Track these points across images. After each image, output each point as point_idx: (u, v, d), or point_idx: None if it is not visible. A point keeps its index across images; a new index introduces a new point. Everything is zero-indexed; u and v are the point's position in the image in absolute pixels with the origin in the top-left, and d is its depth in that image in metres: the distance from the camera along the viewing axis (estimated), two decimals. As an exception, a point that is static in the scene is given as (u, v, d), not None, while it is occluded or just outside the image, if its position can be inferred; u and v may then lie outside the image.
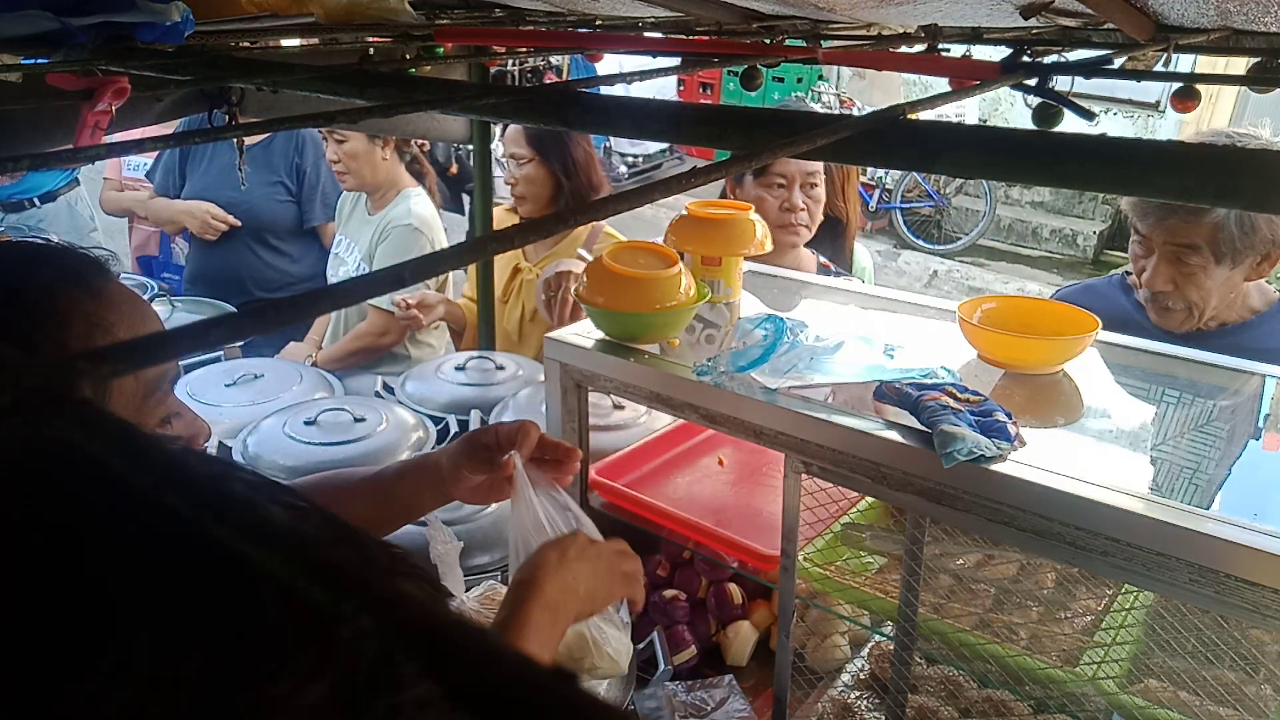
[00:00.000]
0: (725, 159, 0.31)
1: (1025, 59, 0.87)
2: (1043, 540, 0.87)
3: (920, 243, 7.31)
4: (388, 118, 0.57)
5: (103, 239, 3.22)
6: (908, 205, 7.42)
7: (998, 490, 0.88)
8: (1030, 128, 0.52)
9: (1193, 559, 0.79)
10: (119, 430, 0.14)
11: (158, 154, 2.82)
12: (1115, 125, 7.00)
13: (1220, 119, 6.82)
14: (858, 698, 1.25)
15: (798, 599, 1.12)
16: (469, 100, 0.48)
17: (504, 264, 2.26)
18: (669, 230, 1.39)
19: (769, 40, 1.02)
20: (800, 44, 1.04)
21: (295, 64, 0.77)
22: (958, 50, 1.03)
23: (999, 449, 0.89)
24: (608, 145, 8.01)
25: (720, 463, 1.48)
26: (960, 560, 1.15)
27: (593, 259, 1.61)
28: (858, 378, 1.06)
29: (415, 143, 2.48)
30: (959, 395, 0.96)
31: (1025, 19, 0.81)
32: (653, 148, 8.35)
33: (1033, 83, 0.60)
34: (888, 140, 0.34)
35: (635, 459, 1.44)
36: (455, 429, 1.71)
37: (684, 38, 1.16)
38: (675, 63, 0.94)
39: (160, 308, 2.24)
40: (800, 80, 7.85)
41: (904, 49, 1.01)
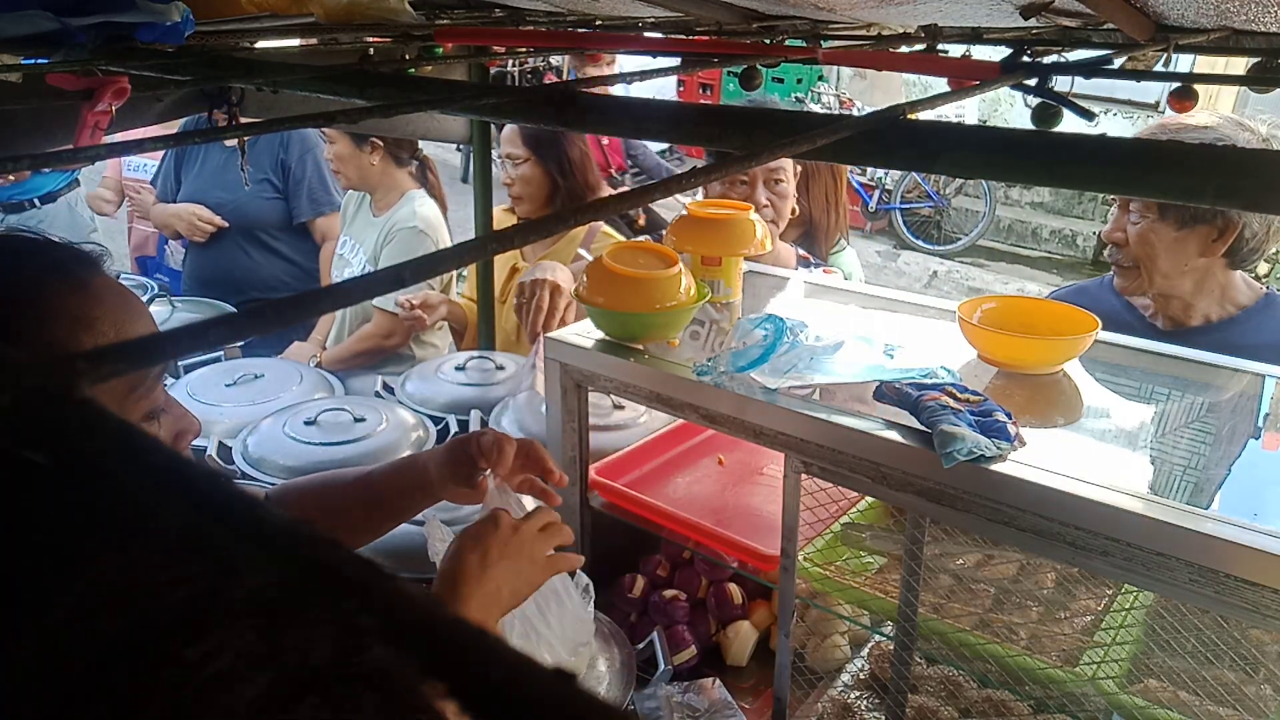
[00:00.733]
0: (725, 160, 0.31)
1: (1025, 59, 0.87)
2: (1042, 540, 0.87)
3: (920, 243, 7.32)
4: (388, 117, 0.57)
5: (102, 239, 3.23)
6: (907, 206, 7.42)
7: (997, 490, 0.88)
8: (1030, 128, 0.52)
9: (1192, 559, 0.79)
10: (119, 431, 0.14)
11: (161, 158, 2.83)
12: (1114, 126, 7.01)
13: (1220, 119, 6.82)
14: (857, 697, 1.25)
15: (798, 599, 1.12)
16: (469, 100, 0.49)
17: (502, 264, 2.26)
18: (669, 230, 1.39)
19: (769, 40, 1.02)
20: (800, 44, 1.04)
21: (295, 64, 0.77)
22: (957, 50, 1.03)
23: (999, 449, 0.89)
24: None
25: (720, 463, 1.48)
26: (960, 560, 1.15)
27: (592, 259, 1.61)
28: (858, 378, 1.06)
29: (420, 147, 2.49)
30: (959, 395, 0.96)
31: (1025, 19, 0.81)
32: (653, 148, 8.36)
33: (1032, 83, 0.60)
34: (887, 140, 0.34)
35: (635, 459, 1.44)
36: (455, 429, 1.71)
37: (684, 38, 1.16)
38: (675, 63, 0.94)
39: (160, 308, 2.24)
40: (800, 81, 7.85)
41: (904, 49, 1.01)
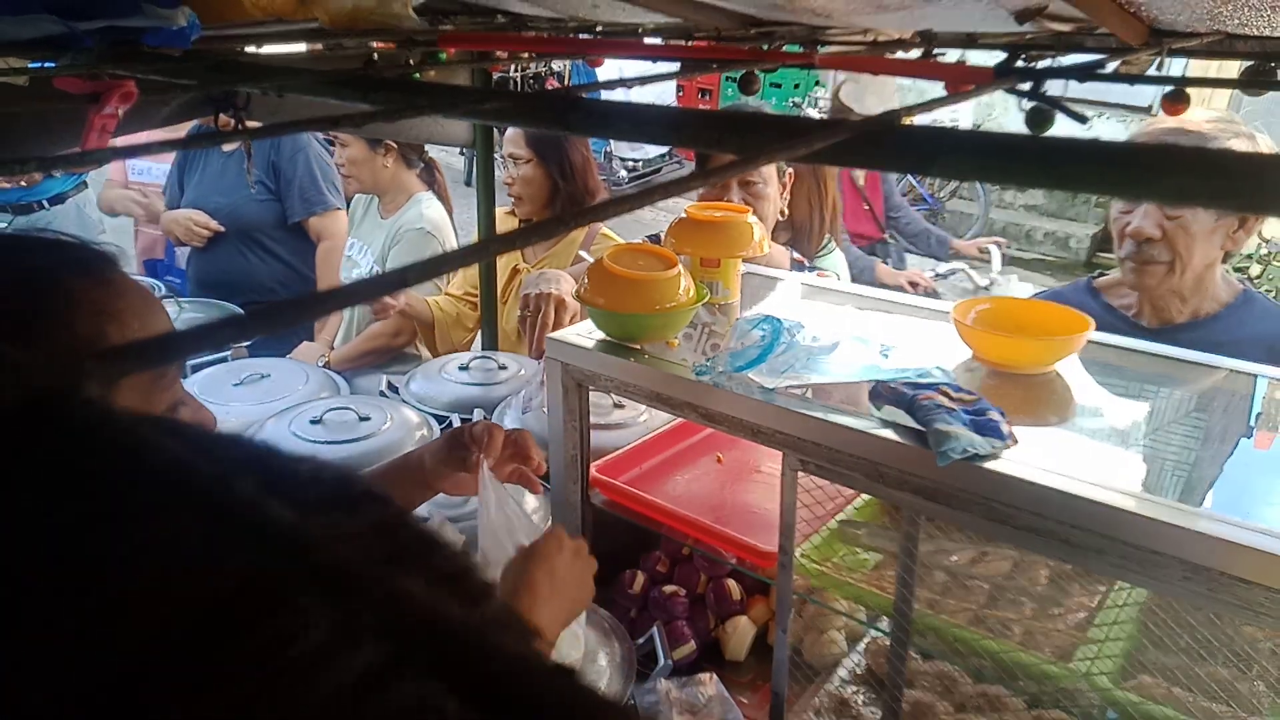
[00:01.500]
0: (724, 163, 0.32)
1: (1019, 63, 0.88)
2: (1036, 537, 0.88)
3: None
4: (392, 122, 0.58)
5: (111, 241, 3.23)
6: (904, 208, 7.42)
7: (992, 488, 0.89)
8: (1024, 132, 0.53)
9: (1185, 556, 0.80)
10: (127, 428, 0.14)
11: (172, 164, 2.84)
12: (1107, 129, 7.02)
13: (1215, 122, 6.82)
14: (854, 692, 1.26)
15: (795, 594, 1.13)
16: (471, 105, 0.49)
17: (503, 265, 2.28)
18: (668, 232, 1.40)
19: (766, 46, 1.03)
20: (797, 49, 1.05)
21: (300, 69, 0.78)
22: (952, 55, 1.05)
23: (993, 447, 0.90)
24: (608, 149, 8.02)
25: (719, 461, 1.49)
26: (954, 557, 1.16)
27: (592, 261, 1.62)
28: (854, 377, 1.07)
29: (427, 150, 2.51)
30: (953, 394, 0.97)
31: (1019, 24, 0.82)
32: (652, 152, 8.37)
33: (1026, 87, 0.61)
34: (884, 144, 0.34)
35: (635, 457, 1.45)
36: (458, 428, 1.72)
37: (683, 43, 1.17)
38: (674, 68, 0.95)
39: (167, 309, 2.24)
40: (797, 86, 7.86)
41: (899, 54, 1.03)
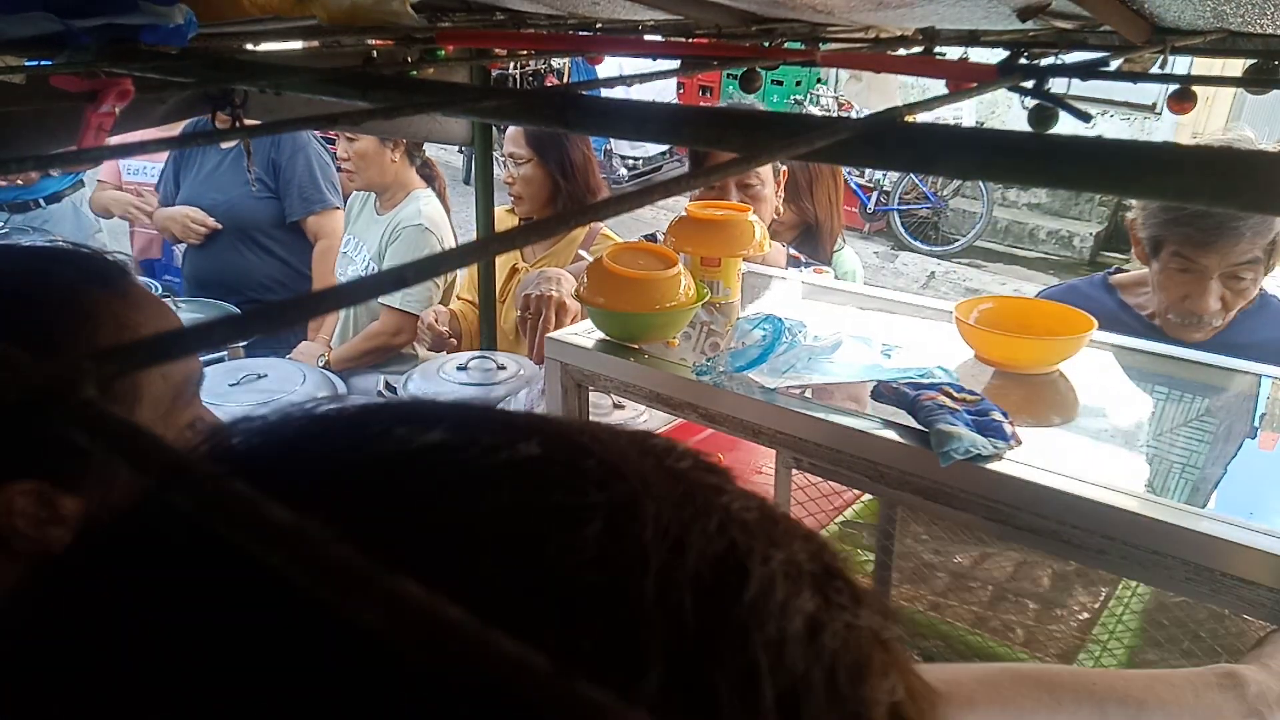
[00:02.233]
0: (724, 161, 0.32)
1: (1022, 61, 0.87)
2: (1039, 538, 0.87)
3: (918, 244, 7.32)
4: (390, 119, 0.57)
5: (107, 240, 3.23)
6: (905, 207, 7.43)
7: (994, 489, 0.89)
8: (1027, 130, 0.53)
9: (1188, 557, 0.79)
10: (123, 430, 0.14)
11: (165, 162, 2.84)
12: (1111, 127, 7.02)
13: (1216, 121, 6.83)
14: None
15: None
16: (470, 102, 0.49)
17: (502, 264, 2.27)
18: (668, 231, 1.39)
19: (767, 43, 1.02)
20: (798, 47, 1.04)
21: (298, 66, 0.77)
22: (955, 53, 1.04)
23: (995, 448, 0.89)
24: (608, 148, 8.02)
25: (719, 460, 1.48)
26: (957, 558, 1.15)
27: (592, 260, 1.61)
28: (855, 377, 1.07)
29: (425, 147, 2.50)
30: (956, 395, 0.97)
31: (1022, 21, 0.81)
32: (652, 150, 8.37)
33: (1029, 85, 0.60)
34: (885, 142, 0.34)
35: (635, 458, 1.45)
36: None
37: (683, 41, 1.16)
38: (675, 65, 0.95)
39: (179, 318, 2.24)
40: (799, 83, 7.86)
41: (901, 52, 1.02)
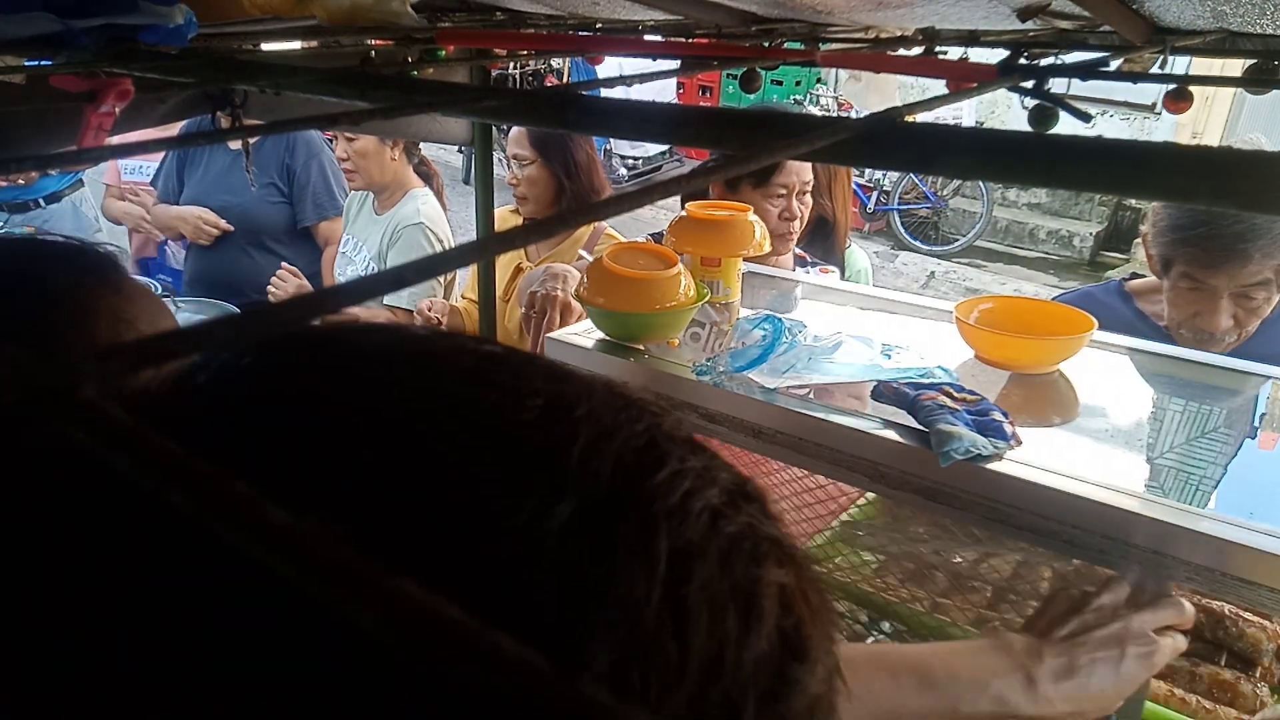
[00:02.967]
0: (724, 160, 0.32)
1: (1022, 61, 0.87)
2: (1039, 538, 0.87)
3: (918, 244, 7.33)
4: (390, 119, 0.57)
5: (107, 239, 3.23)
6: (905, 207, 7.43)
7: (994, 489, 0.89)
8: (1027, 130, 0.53)
9: (1188, 557, 0.80)
10: (123, 430, 0.14)
11: (162, 160, 2.83)
12: (1111, 127, 7.02)
13: (1216, 120, 6.84)
14: (856, 696, 1.26)
15: None
16: (470, 102, 0.49)
17: (506, 263, 2.26)
18: (668, 231, 1.39)
19: (767, 43, 1.02)
20: (798, 47, 1.04)
21: (298, 66, 0.77)
22: (955, 53, 1.04)
23: (995, 448, 0.89)
24: (608, 148, 8.03)
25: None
26: (957, 558, 1.15)
27: (593, 260, 1.61)
28: (856, 377, 1.07)
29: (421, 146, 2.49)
30: (956, 395, 0.97)
31: (1022, 21, 0.81)
32: (652, 150, 8.37)
33: (1029, 85, 0.60)
34: (885, 142, 0.34)
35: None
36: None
37: (683, 41, 1.16)
38: (674, 65, 0.95)
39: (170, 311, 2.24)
40: (799, 83, 7.86)
41: (901, 52, 1.02)
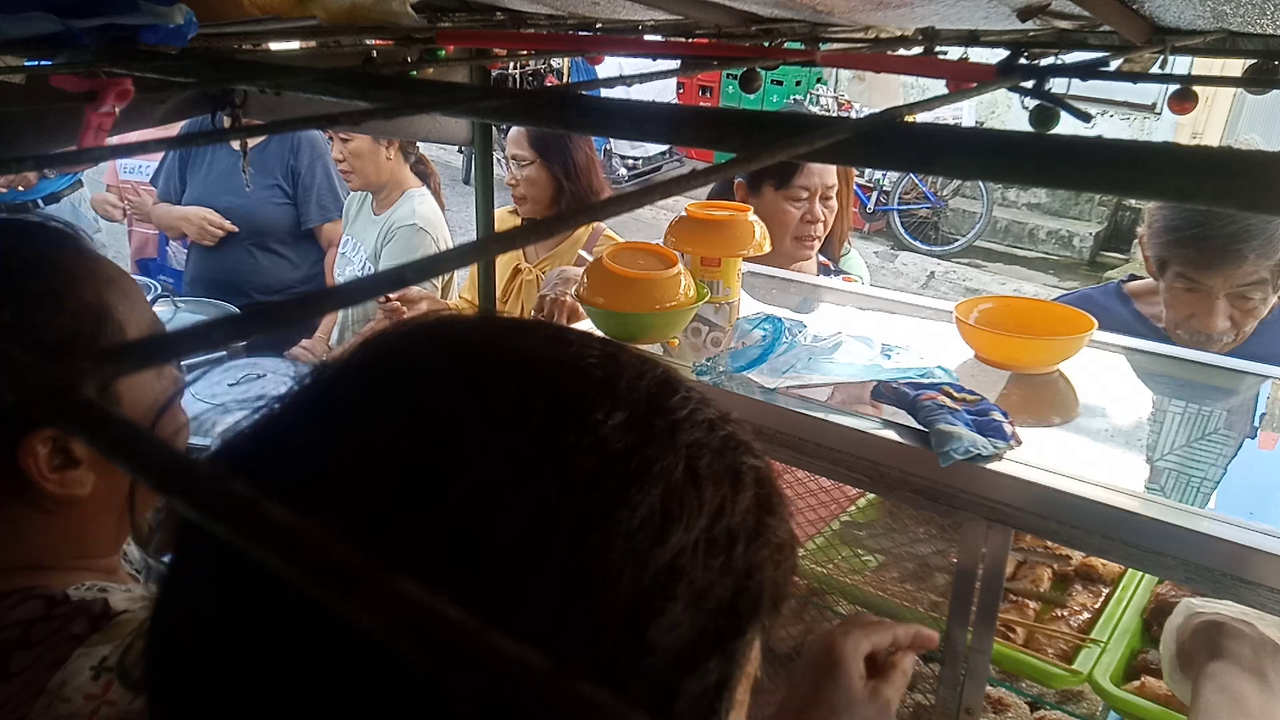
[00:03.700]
0: (724, 161, 0.32)
1: (1022, 61, 0.87)
2: (1039, 538, 0.87)
3: (917, 244, 7.33)
4: (390, 119, 0.57)
5: (106, 240, 3.23)
6: (905, 207, 7.43)
7: (994, 489, 0.88)
8: (1027, 130, 0.53)
9: (1188, 557, 0.80)
10: (121, 430, 0.14)
11: (161, 159, 2.82)
12: (1111, 127, 7.02)
13: (1216, 121, 6.84)
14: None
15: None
16: (470, 102, 0.49)
17: (504, 265, 2.26)
18: (668, 231, 1.39)
19: (768, 43, 1.02)
20: (799, 47, 1.04)
21: (298, 66, 0.77)
22: (955, 53, 1.04)
23: (995, 448, 0.89)
24: (608, 147, 8.03)
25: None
26: (955, 559, 1.15)
27: (593, 260, 1.61)
28: (856, 377, 1.07)
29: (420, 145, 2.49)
30: (956, 395, 0.97)
31: (1022, 21, 0.81)
32: (652, 150, 8.37)
33: (1029, 85, 0.60)
34: (885, 142, 0.34)
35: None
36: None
37: (683, 41, 1.16)
38: (675, 65, 0.95)
39: (163, 308, 2.24)
40: (799, 83, 7.86)
41: (901, 51, 1.02)
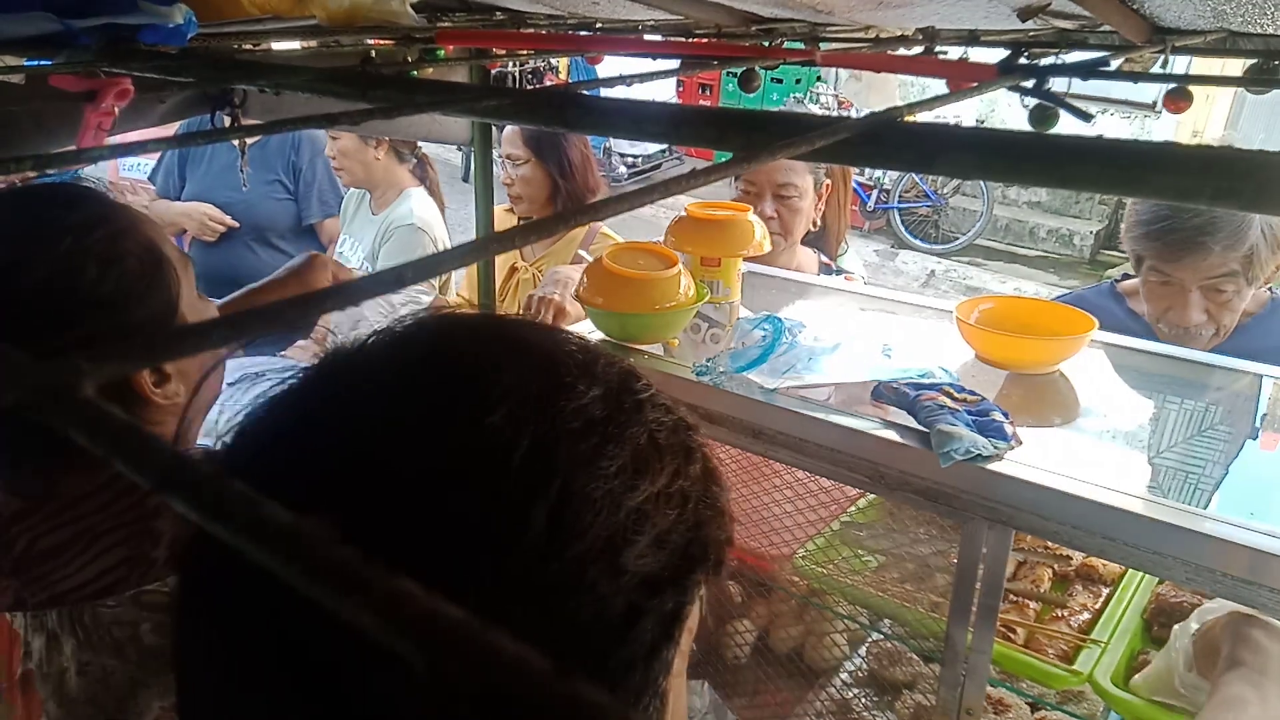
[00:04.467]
0: (725, 160, 0.32)
1: (1022, 61, 0.87)
2: (1039, 539, 0.87)
3: (918, 242, 7.33)
4: (390, 119, 0.57)
5: None
6: (905, 205, 7.43)
7: (994, 489, 0.88)
8: (1027, 129, 0.53)
9: (1189, 558, 0.79)
10: (121, 429, 0.14)
11: (159, 156, 2.82)
12: (1111, 126, 7.01)
13: (1216, 120, 6.84)
14: (855, 695, 1.26)
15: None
16: (470, 102, 0.49)
17: (501, 264, 2.27)
18: (668, 231, 1.39)
19: (767, 43, 1.02)
20: (798, 46, 1.04)
21: (297, 66, 0.77)
22: (955, 53, 1.04)
23: (995, 448, 0.89)
24: (607, 146, 8.03)
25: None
26: (955, 559, 1.15)
27: (592, 260, 1.61)
28: (856, 377, 1.07)
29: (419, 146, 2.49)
30: (956, 395, 0.97)
31: (1022, 21, 0.81)
32: (652, 149, 8.37)
33: (1030, 84, 0.60)
34: (886, 142, 0.34)
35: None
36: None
37: (683, 40, 1.16)
38: (674, 65, 0.95)
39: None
40: (799, 82, 7.86)
41: (901, 51, 1.02)
